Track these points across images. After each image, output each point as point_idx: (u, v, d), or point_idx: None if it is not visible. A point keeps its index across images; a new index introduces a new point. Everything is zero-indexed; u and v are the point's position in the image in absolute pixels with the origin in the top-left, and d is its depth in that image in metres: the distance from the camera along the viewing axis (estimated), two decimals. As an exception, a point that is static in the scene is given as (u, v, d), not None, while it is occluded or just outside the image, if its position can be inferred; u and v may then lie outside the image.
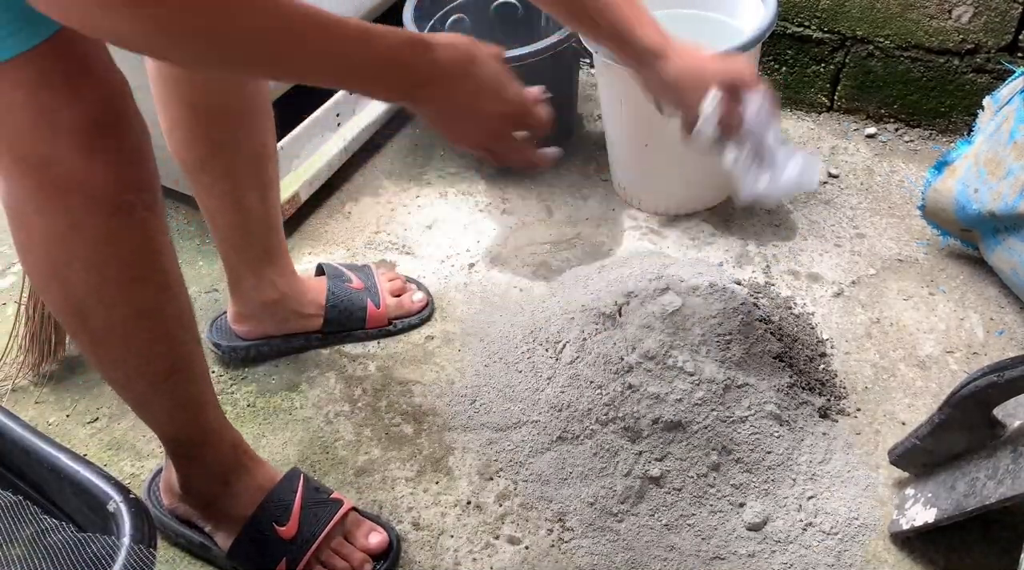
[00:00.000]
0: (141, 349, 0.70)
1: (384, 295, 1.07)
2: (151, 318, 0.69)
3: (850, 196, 1.19)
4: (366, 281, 1.08)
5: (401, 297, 1.08)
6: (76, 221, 0.61)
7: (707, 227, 1.18)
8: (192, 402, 0.77)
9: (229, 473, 0.82)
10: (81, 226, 0.61)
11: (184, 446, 0.80)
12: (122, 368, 0.72)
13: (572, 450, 0.91)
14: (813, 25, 1.26)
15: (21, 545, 0.53)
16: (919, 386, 0.96)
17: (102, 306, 0.66)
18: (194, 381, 0.76)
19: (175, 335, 0.72)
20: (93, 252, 0.63)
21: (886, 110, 1.29)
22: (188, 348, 0.74)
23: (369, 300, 1.06)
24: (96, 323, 0.67)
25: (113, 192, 0.61)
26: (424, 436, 0.97)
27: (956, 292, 1.05)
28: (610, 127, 1.19)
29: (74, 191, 0.60)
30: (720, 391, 0.88)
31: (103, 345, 0.70)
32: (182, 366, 0.73)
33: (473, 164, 1.32)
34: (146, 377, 0.72)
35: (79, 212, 0.61)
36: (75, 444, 1.00)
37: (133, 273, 0.66)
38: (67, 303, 0.67)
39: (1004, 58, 1.17)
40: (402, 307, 1.08)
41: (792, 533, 0.85)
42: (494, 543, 0.87)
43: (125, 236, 0.64)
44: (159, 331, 0.70)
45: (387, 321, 1.07)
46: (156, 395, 0.74)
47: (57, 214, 0.61)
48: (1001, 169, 0.95)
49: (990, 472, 0.73)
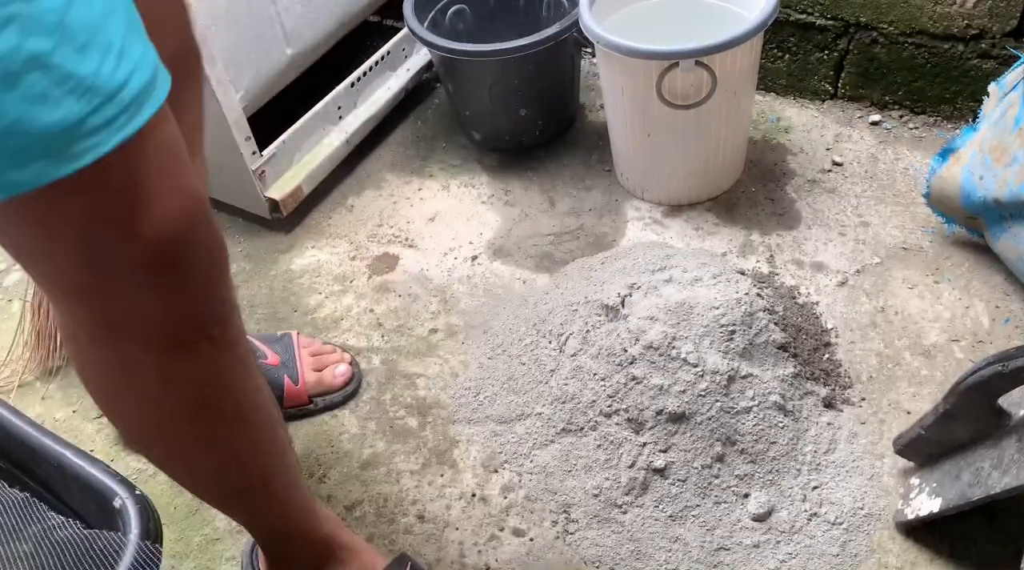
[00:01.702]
0: (210, 473, 0.65)
1: (304, 370, 1.00)
2: (218, 449, 0.63)
3: (854, 184, 1.19)
4: (283, 355, 1.01)
5: (322, 373, 1.01)
6: (130, 358, 0.55)
7: (710, 217, 1.17)
8: (274, 512, 0.72)
9: (321, 566, 0.77)
10: (136, 363, 0.55)
11: (268, 542, 0.76)
12: (190, 487, 0.68)
13: (576, 442, 0.91)
14: (816, 12, 1.25)
15: (28, 541, 0.53)
16: (924, 375, 0.96)
17: (163, 438, 0.61)
18: (275, 496, 0.70)
19: (249, 461, 0.66)
20: (150, 388, 0.57)
21: (890, 97, 1.28)
22: (266, 465, 0.68)
23: (287, 376, 0.99)
24: (159, 451, 0.64)
25: (173, 331, 0.54)
26: (429, 429, 0.97)
27: (961, 280, 1.05)
28: (612, 117, 1.18)
29: (128, 328, 0.53)
30: (724, 382, 0.88)
31: (167, 468, 0.66)
32: (258, 484, 0.68)
33: (475, 156, 1.32)
34: (219, 494, 0.68)
35: (134, 349, 0.54)
36: (82, 440, 1.00)
37: (196, 409, 0.59)
38: (127, 430, 0.64)
39: (1009, 43, 1.15)
40: (322, 383, 1.00)
41: (797, 523, 0.85)
42: (499, 535, 0.88)
43: (185, 375, 0.57)
44: (227, 459, 0.64)
45: (307, 399, 1.00)
46: (231, 509, 0.71)
47: (110, 348, 0.55)
48: (1006, 156, 0.95)
49: (995, 462, 0.73)
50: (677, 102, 1.06)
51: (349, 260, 1.19)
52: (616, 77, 1.10)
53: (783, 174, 1.22)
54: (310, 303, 1.14)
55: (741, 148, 1.20)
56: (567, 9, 1.26)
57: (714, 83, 1.04)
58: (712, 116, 1.09)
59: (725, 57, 1.03)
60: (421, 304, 1.12)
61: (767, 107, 1.32)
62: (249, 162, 1.16)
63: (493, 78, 1.21)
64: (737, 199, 1.19)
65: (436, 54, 1.25)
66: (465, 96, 1.27)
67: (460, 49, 1.17)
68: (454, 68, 1.24)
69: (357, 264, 1.18)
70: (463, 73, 1.24)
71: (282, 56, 1.20)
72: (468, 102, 1.28)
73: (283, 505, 0.72)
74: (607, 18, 1.16)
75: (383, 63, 1.35)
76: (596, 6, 1.13)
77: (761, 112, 1.31)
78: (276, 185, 1.21)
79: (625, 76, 1.08)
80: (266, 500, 0.70)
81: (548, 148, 1.31)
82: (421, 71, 1.39)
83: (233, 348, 0.58)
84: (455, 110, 1.34)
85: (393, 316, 1.11)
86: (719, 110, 1.09)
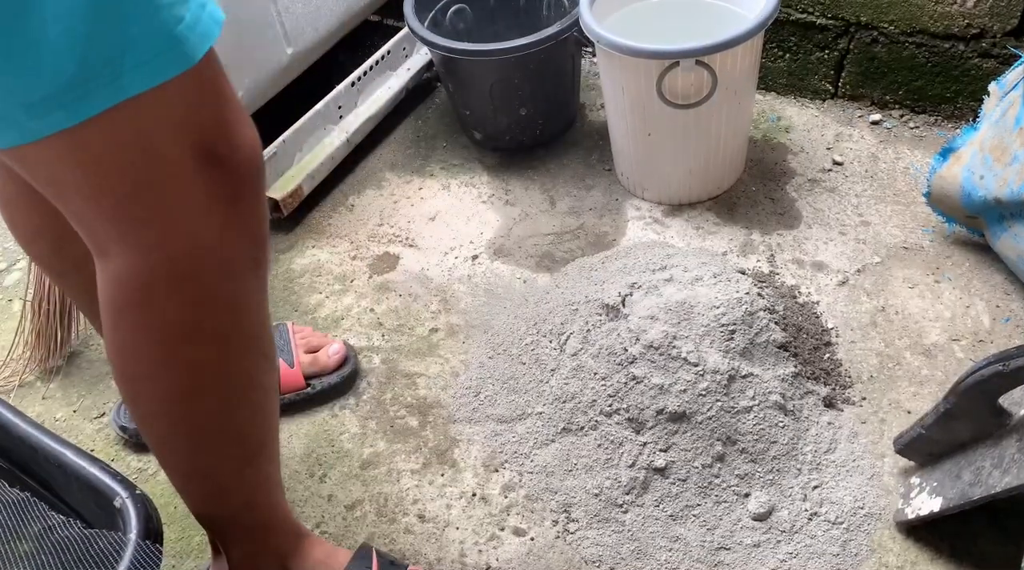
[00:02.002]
0: (242, 428, 0.66)
1: (298, 353, 1.00)
2: (258, 390, 0.65)
3: (855, 183, 1.19)
4: (279, 341, 1.00)
5: (316, 353, 1.00)
6: (213, 289, 0.56)
7: (711, 216, 1.17)
8: (269, 483, 0.73)
9: (288, 557, 0.77)
10: (216, 295, 0.57)
11: (250, 534, 0.74)
12: (214, 454, 0.66)
13: (577, 441, 0.91)
14: (817, 11, 1.25)
15: (29, 541, 0.53)
16: (924, 374, 0.96)
17: (217, 383, 0.62)
18: (273, 459, 0.72)
19: (273, 408, 0.68)
20: (223, 321, 0.59)
21: (891, 96, 1.28)
22: (277, 422, 0.70)
23: (282, 360, 0.98)
24: (201, 406, 0.62)
25: (250, 249, 0.57)
26: (429, 428, 0.98)
27: (962, 279, 1.05)
28: (612, 116, 1.18)
29: (222, 248, 0.55)
30: (724, 381, 0.88)
31: (202, 429, 0.64)
32: (270, 442, 0.70)
33: (476, 155, 1.32)
34: (235, 460, 0.68)
35: (218, 277, 0.56)
36: (82, 440, 1.00)
37: (251, 342, 0.62)
38: (177, 388, 0.61)
39: (1010, 43, 1.15)
40: (317, 363, 0.99)
41: (797, 523, 0.85)
42: (500, 535, 0.88)
43: (249, 300, 0.60)
44: (262, 404, 0.66)
45: (304, 382, 0.99)
46: (240, 479, 0.70)
47: (195, 283, 0.56)
48: (1007, 155, 0.94)
49: (996, 461, 0.73)
50: (678, 101, 1.06)
51: (350, 259, 1.19)
52: (616, 76, 1.10)
53: (783, 173, 1.22)
54: (311, 302, 1.14)
55: (741, 147, 1.20)
56: (567, 8, 1.26)
57: (714, 82, 1.04)
58: (712, 115, 1.09)
59: (725, 56, 1.03)
60: (422, 303, 1.12)
61: (767, 106, 1.32)
62: (249, 162, 1.16)
63: (493, 77, 1.21)
64: (737, 198, 1.19)
65: (436, 53, 1.25)
66: (466, 95, 1.27)
67: (460, 48, 1.17)
68: (454, 67, 1.24)
69: (358, 263, 1.18)
70: (463, 72, 1.24)
71: (282, 55, 1.20)
72: (468, 101, 1.28)
73: (275, 474, 0.73)
74: (607, 17, 1.16)
75: (383, 62, 1.35)
76: (596, 5, 1.13)
77: (761, 111, 1.31)
78: (277, 185, 1.21)
79: (625, 75, 1.08)
80: (268, 464, 0.71)
81: (548, 147, 1.31)
82: (421, 70, 1.39)
83: (267, 273, 0.62)
84: (455, 109, 1.34)
85: (393, 315, 1.11)
86: (719, 109, 1.09)
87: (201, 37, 0.48)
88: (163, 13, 0.46)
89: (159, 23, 0.47)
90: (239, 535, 0.74)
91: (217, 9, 0.50)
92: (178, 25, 0.47)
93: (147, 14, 0.46)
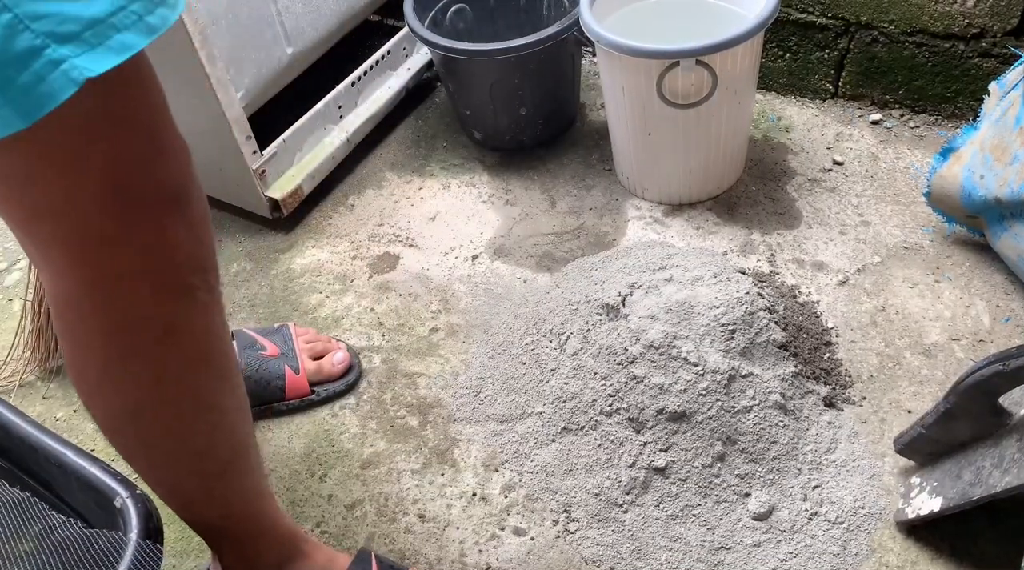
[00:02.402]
0: (199, 446, 0.64)
1: (303, 359, 0.99)
2: (212, 411, 0.63)
3: (855, 183, 1.19)
4: (282, 346, 1.00)
5: (321, 361, 1.00)
6: (138, 313, 0.55)
7: (711, 216, 1.17)
8: (246, 494, 0.71)
9: (284, 563, 0.76)
10: (143, 320, 0.55)
11: (236, 541, 0.73)
12: (174, 469, 0.65)
13: (577, 441, 0.91)
14: (817, 11, 1.25)
15: (29, 541, 0.53)
16: (924, 374, 0.96)
17: (161, 404, 0.60)
18: (249, 473, 0.70)
19: (235, 426, 0.66)
20: (154, 345, 0.57)
21: (891, 96, 1.28)
22: (246, 438, 0.68)
23: (287, 367, 0.98)
24: (150, 425, 0.61)
25: (181, 274, 0.55)
26: (429, 428, 0.98)
27: (962, 279, 1.05)
28: (613, 116, 1.18)
29: (140, 276, 0.53)
30: (725, 381, 0.88)
31: (156, 447, 0.63)
32: (238, 458, 0.68)
33: (476, 155, 1.32)
34: (200, 475, 0.66)
35: (142, 301, 0.54)
36: (82, 440, 1.00)
37: (194, 365, 0.60)
38: (120, 406, 0.60)
39: (1010, 42, 1.15)
40: (322, 371, 1.00)
41: (797, 522, 0.85)
42: (500, 534, 0.88)
43: (187, 324, 0.58)
44: (219, 423, 0.64)
45: (309, 389, 0.99)
46: (208, 494, 0.68)
47: (118, 307, 0.54)
48: (1007, 155, 0.94)
49: (996, 461, 0.73)
50: (678, 101, 1.06)
51: (350, 259, 1.19)
52: (617, 76, 1.10)
53: (784, 173, 1.22)
54: (311, 302, 1.14)
55: (742, 147, 1.20)
56: (567, 8, 1.26)
57: (715, 82, 1.04)
58: (712, 115, 1.09)
59: (726, 56, 1.03)
60: (422, 303, 1.12)
61: (768, 106, 1.32)
62: (250, 161, 1.16)
63: (494, 77, 1.21)
64: (738, 198, 1.19)
65: (437, 53, 1.25)
66: (466, 95, 1.27)
67: (461, 48, 1.17)
68: (455, 67, 1.24)
69: (358, 263, 1.18)
70: (464, 72, 1.24)
71: (282, 55, 1.20)
72: (469, 101, 1.28)
73: (255, 486, 0.71)
74: (607, 17, 1.16)
75: (384, 62, 1.35)
76: (596, 5, 1.13)
77: (762, 111, 1.31)
78: (277, 184, 1.21)
79: (626, 75, 1.08)
80: (241, 479, 0.69)
81: (549, 147, 1.31)
82: (422, 70, 1.39)
83: (219, 296, 0.60)
84: (456, 109, 1.34)
85: (394, 315, 1.11)
86: (719, 109, 1.09)
87: (39, 98, 0.43)
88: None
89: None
90: (227, 542, 0.73)
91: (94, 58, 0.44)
92: (7, 87, 0.43)
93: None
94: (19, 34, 0.42)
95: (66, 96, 0.44)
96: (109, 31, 0.44)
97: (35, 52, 0.42)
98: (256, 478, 0.72)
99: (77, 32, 0.43)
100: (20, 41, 0.42)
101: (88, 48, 0.44)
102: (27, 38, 0.42)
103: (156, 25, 0.46)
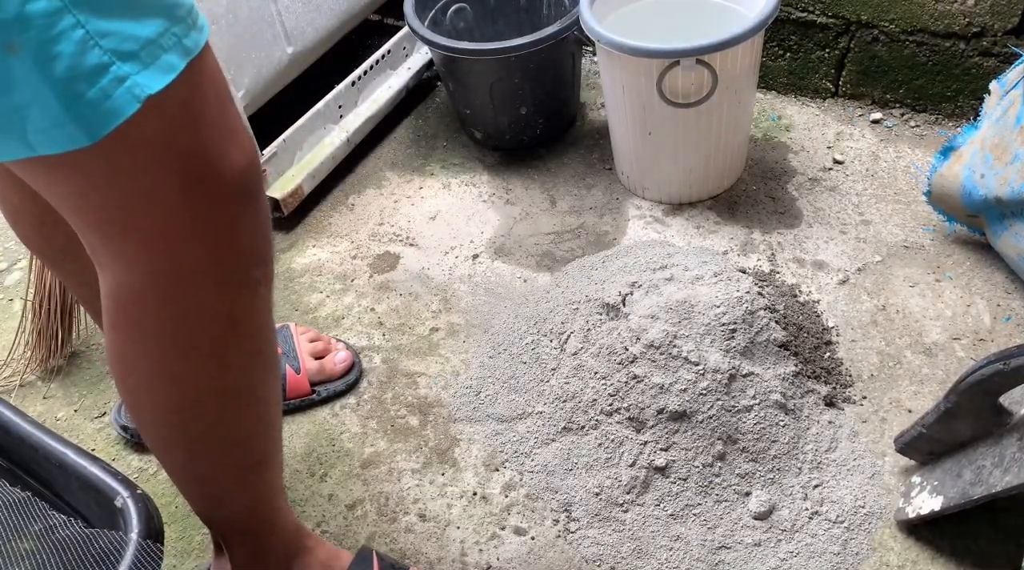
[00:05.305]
0: (244, 439, 0.65)
1: (304, 358, 1.00)
2: (259, 403, 0.64)
3: (855, 182, 1.19)
4: (283, 346, 1.00)
5: (323, 360, 1.00)
6: (205, 305, 0.55)
7: (711, 215, 1.17)
8: (272, 488, 0.72)
9: (292, 558, 0.77)
10: (210, 309, 0.56)
11: (254, 536, 0.74)
12: (215, 461, 0.66)
13: (577, 441, 0.91)
14: (817, 10, 1.25)
15: (30, 540, 0.53)
16: (925, 373, 0.96)
17: (218, 396, 0.61)
18: (276, 466, 0.71)
19: (274, 419, 0.68)
20: (217, 337, 0.58)
21: (891, 95, 1.28)
22: (280, 432, 0.70)
23: (288, 366, 0.98)
24: (204, 417, 0.62)
25: (246, 268, 0.56)
26: (430, 428, 0.98)
27: (962, 278, 1.05)
28: (613, 116, 1.18)
29: (208, 269, 0.54)
30: (725, 380, 0.88)
31: (202, 439, 0.63)
32: (273, 450, 0.69)
33: (476, 154, 1.32)
34: (239, 467, 0.67)
35: (209, 293, 0.55)
36: (83, 439, 1.00)
37: (252, 358, 0.61)
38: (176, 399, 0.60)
39: (1010, 41, 1.15)
40: (323, 371, 1.00)
41: (798, 522, 0.85)
42: (500, 534, 0.88)
43: (250, 317, 0.59)
44: (263, 416, 0.65)
45: (310, 388, 0.99)
46: (241, 486, 0.69)
47: (184, 299, 0.55)
48: (1007, 154, 0.94)
49: (996, 460, 0.73)
50: (678, 100, 1.06)
51: (350, 259, 1.19)
52: (617, 75, 1.10)
53: (784, 172, 1.22)
54: (311, 302, 1.14)
55: (742, 146, 1.20)
56: (568, 7, 1.26)
57: (715, 81, 1.04)
58: (713, 114, 1.09)
59: (726, 55, 1.03)
60: (422, 303, 1.12)
61: (768, 105, 1.32)
62: (250, 161, 1.16)
63: (494, 77, 1.21)
64: (738, 197, 1.19)
65: (437, 53, 1.25)
66: (466, 95, 1.27)
67: (461, 48, 1.17)
68: (455, 67, 1.24)
69: (358, 263, 1.18)
70: (464, 72, 1.24)
71: (283, 55, 1.20)
72: (469, 101, 1.28)
73: (279, 481, 0.73)
74: (608, 16, 1.16)
75: (384, 62, 1.35)
76: (597, 4, 1.13)
77: (762, 110, 1.31)
78: (277, 184, 1.21)
79: (626, 74, 1.08)
80: (271, 473, 0.71)
81: (549, 147, 1.31)
82: (422, 70, 1.39)
83: (272, 290, 0.61)
84: (456, 109, 1.34)
85: (394, 315, 1.11)
86: (720, 108, 1.09)
87: (105, 115, 0.45)
88: (59, 88, 0.44)
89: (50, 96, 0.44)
90: (241, 536, 0.74)
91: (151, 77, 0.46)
92: (76, 102, 0.44)
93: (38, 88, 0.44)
94: (90, 50, 0.44)
95: (130, 112, 0.46)
96: (158, 51, 0.46)
97: (103, 69, 0.44)
98: (280, 472, 0.74)
99: (136, 51, 0.45)
100: (90, 57, 0.44)
101: (144, 67, 0.46)
102: (96, 54, 0.44)
103: (191, 48, 0.48)
